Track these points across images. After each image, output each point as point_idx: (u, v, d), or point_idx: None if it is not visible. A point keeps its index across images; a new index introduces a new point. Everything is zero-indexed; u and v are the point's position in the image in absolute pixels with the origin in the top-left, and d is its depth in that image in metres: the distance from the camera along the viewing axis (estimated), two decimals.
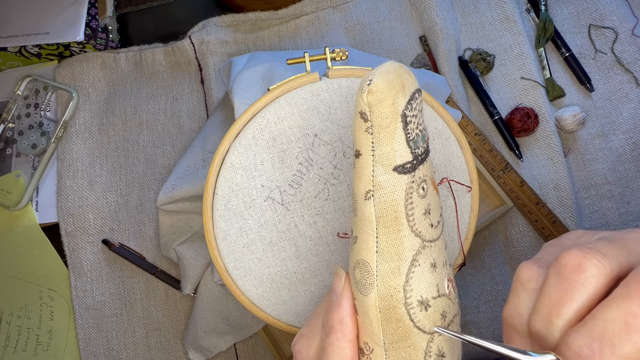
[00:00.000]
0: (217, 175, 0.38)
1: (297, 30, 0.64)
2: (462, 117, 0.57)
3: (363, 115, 0.27)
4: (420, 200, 0.28)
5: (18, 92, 0.63)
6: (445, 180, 0.40)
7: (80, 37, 0.59)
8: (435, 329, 0.28)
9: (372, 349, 0.28)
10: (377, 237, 0.28)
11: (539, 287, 0.25)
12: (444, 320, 0.28)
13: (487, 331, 0.55)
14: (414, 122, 0.28)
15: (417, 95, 0.28)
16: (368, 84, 0.27)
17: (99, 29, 0.62)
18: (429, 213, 0.28)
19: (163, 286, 0.58)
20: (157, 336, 0.58)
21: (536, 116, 0.57)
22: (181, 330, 0.58)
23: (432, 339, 0.28)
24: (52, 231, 0.60)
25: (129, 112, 0.63)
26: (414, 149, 0.28)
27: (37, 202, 0.61)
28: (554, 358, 0.23)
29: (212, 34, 0.63)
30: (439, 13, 0.60)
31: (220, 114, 0.55)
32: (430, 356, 0.28)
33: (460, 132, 0.41)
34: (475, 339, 0.25)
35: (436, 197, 0.30)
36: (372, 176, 0.28)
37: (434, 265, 0.28)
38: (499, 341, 0.25)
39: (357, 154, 0.28)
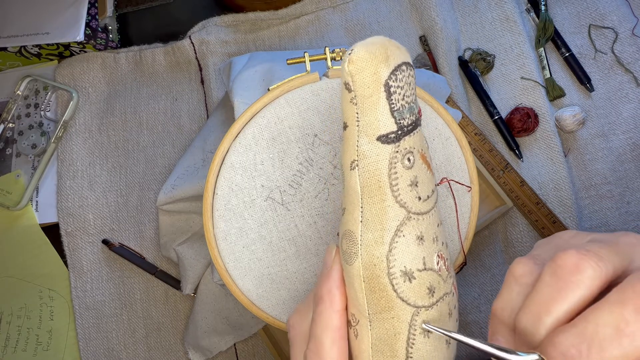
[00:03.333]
0: (217, 175, 0.38)
1: (297, 30, 0.64)
2: (462, 117, 0.57)
3: (347, 86, 0.28)
4: (406, 171, 0.28)
5: (18, 92, 0.63)
6: (445, 180, 0.40)
7: (80, 37, 0.59)
8: (424, 326, 0.28)
9: (358, 320, 0.29)
10: (362, 207, 0.28)
11: (531, 283, 0.26)
12: (432, 296, 0.28)
13: (488, 331, 0.55)
14: (399, 93, 0.27)
15: (404, 67, 0.28)
16: (350, 54, 0.27)
17: (99, 29, 0.62)
18: (416, 185, 0.28)
19: (163, 286, 0.58)
20: (157, 336, 0.58)
21: (536, 116, 0.57)
22: (181, 330, 0.58)
23: (418, 312, 0.28)
24: (52, 231, 0.60)
25: (129, 112, 0.63)
26: (399, 120, 0.28)
27: (37, 202, 0.61)
28: (538, 358, 0.23)
29: (212, 34, 0.63)
30: (439, 13, 0.60)
31: (220, 114, 0.55)
32: (415, 329, 0.28)
33: (460, 132, 0.41)
34: (462, 337, 0.26)
35: (427, 172, 0.29)
36: (357, 146, 0.28)
37: (420, 238, 0.28)
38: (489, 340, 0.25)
39: (345, 126, 0.29)
